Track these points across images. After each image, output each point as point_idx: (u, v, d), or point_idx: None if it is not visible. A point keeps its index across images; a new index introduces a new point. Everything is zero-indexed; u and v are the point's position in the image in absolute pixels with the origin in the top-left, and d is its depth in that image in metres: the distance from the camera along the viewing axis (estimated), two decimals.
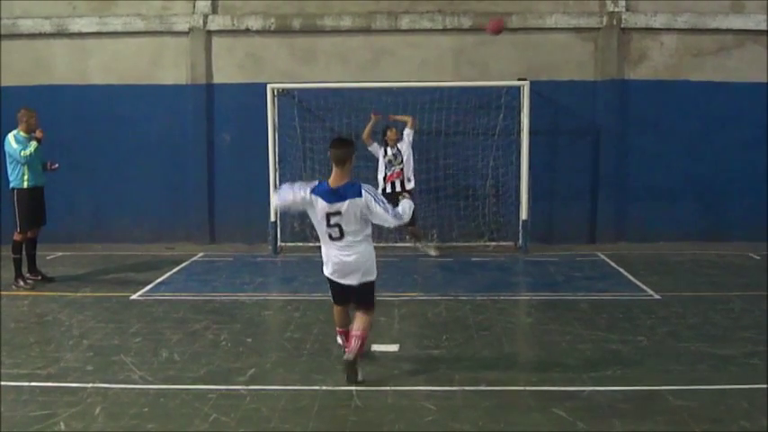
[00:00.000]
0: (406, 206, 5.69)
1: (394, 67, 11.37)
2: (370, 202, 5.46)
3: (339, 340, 6.09)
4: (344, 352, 5.70)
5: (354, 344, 5.56)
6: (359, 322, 5.66)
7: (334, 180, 5.53)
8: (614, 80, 11.31)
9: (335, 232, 5.52)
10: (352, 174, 5.70)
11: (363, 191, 5.48)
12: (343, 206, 5.45)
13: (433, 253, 10.59)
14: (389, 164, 10.31)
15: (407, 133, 10.39)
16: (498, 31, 8.94)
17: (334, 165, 5.56)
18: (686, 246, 11.02)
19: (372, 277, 5.70)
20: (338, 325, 6.03)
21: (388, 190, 10.16)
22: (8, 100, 10.76)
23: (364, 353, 5.85)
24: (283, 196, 5.71)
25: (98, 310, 7.75)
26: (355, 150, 5.77)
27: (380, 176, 10.35)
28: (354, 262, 5.55)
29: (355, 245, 5.55)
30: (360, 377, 5.52)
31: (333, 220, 5.50)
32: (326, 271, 5.73)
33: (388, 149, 10.34)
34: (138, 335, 6.87)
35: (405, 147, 10.33)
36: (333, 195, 5.47)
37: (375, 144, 10.39)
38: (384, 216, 5.50)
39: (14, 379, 5.68)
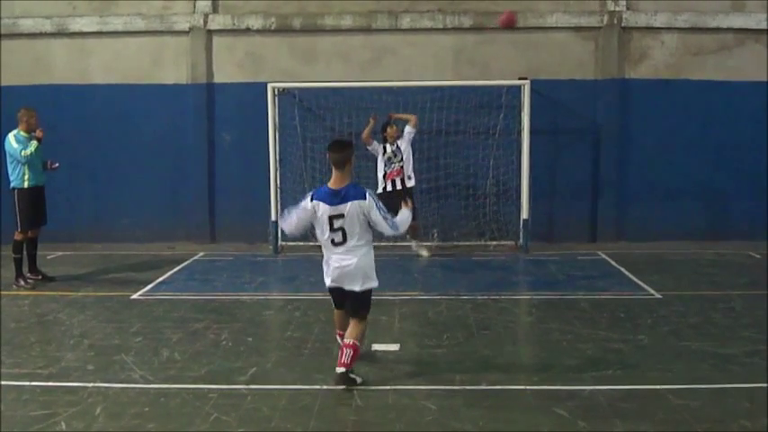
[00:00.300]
0: (404, 217, 5.75)
1: (394, 66, 11.36)
2: (372, 209, 5.47)
3: (340, 341, 6.08)
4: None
5: (345, 354, 5.48)
6: (353, 330, 5.61)
7: (334, 182, 5.52)
8: (615, 79, 11.30)
9: (338, 237, 5.50)
10: (353, 174, 5.70)
11: (368, 194, 5.50)
12: (346, 208, 5.44)
13: (424, 254, 10.56)
14: (389, 161, 10.28)
15: (408, 131, 10.35)
16: (509, 25, 8.89)
17: (333, 168, 5.55)
18: (687, 245, 11.01)
19: (374, 284, 5.68)
20: (338, 327, 6.03)
21: (389, 188, 10.15)
22: (8, 100, 10.76)
23: (363, 353, 5.83)
24: (289, 219, 5.74)
25: (99, 310, 7.76)
26: (354, 151, 5.77)
27: (380, 174, 10.31)
28: (354, 266, 5.52)
29: (356, 249, 5.53)
30: (358, 381, 5.49)
31: (336, 224, 5.48)
32: (327, 282, 5.71)
33: (387, 146, 10.30)
34: (139, 334, 6.87)
35: (404, 144, 10.30)
36: (335, 197, 5.46)
37: (375, 143, 10.36)
38: (382, 225, 5.54)
39: (15, 378, 5.68)
